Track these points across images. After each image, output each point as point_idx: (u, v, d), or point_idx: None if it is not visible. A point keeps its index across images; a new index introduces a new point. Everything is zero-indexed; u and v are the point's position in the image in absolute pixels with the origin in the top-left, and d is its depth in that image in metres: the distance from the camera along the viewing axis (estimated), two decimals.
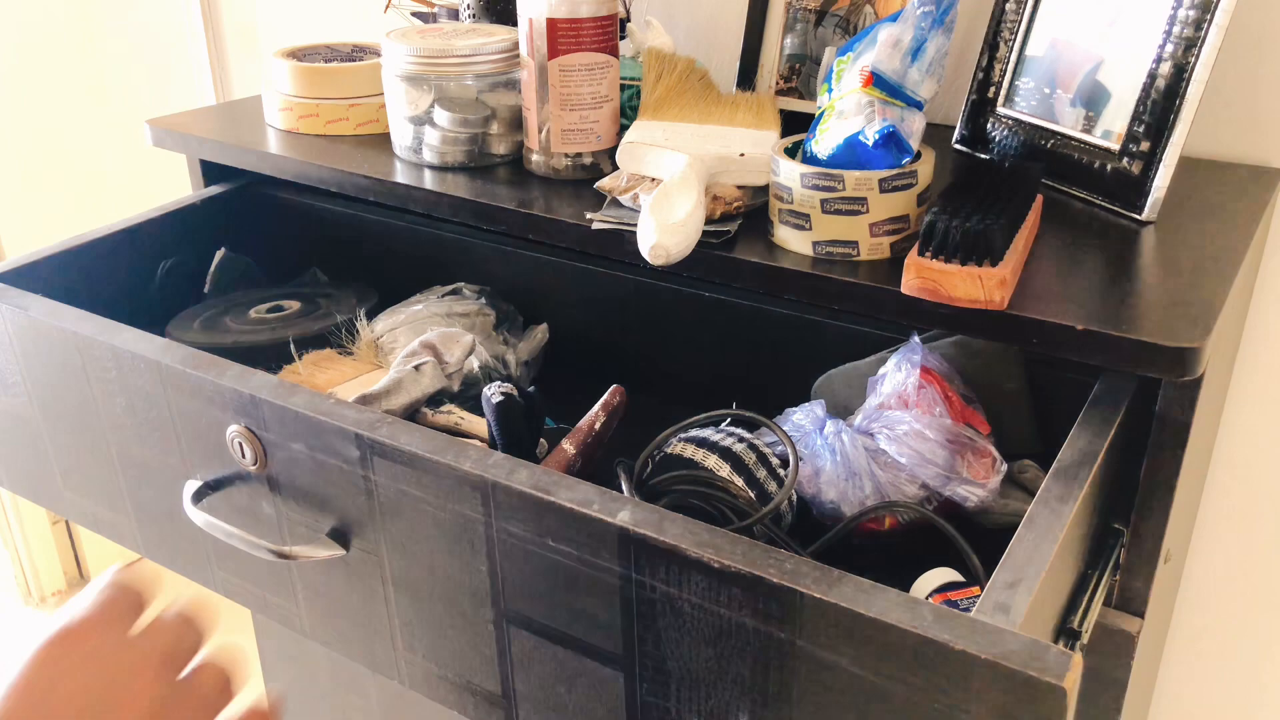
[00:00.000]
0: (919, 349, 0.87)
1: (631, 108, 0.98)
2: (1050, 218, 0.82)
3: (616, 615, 0.61)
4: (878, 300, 0.73)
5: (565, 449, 0.83)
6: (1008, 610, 0.52)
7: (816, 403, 0.89)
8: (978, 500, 0.80)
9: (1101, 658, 0.77)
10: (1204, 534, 1.06)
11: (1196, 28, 0.76)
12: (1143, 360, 0.65)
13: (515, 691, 0.70)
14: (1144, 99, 0.79)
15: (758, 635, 0.55)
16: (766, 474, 0.81)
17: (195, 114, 1.17)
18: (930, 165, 0.77)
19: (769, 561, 0.54)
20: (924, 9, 0.76)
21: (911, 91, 0.76)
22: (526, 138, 0.95)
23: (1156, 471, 0.71)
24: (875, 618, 0.50)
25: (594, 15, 0.87)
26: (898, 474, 0.82)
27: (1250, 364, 0.98)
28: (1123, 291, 0.72)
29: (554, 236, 0.86)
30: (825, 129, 0.78)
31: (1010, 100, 0.91)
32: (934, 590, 0.75)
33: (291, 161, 1.01)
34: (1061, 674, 0.46)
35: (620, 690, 0.64)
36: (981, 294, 0.68)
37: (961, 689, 0.49)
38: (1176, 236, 0.79)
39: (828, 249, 0.76)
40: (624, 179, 0.86)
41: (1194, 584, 1.09)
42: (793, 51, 1.03)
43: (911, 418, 0.82)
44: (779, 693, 0.56)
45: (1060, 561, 0.59)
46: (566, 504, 0.59)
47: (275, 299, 1.09)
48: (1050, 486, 0.62)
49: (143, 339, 0.79)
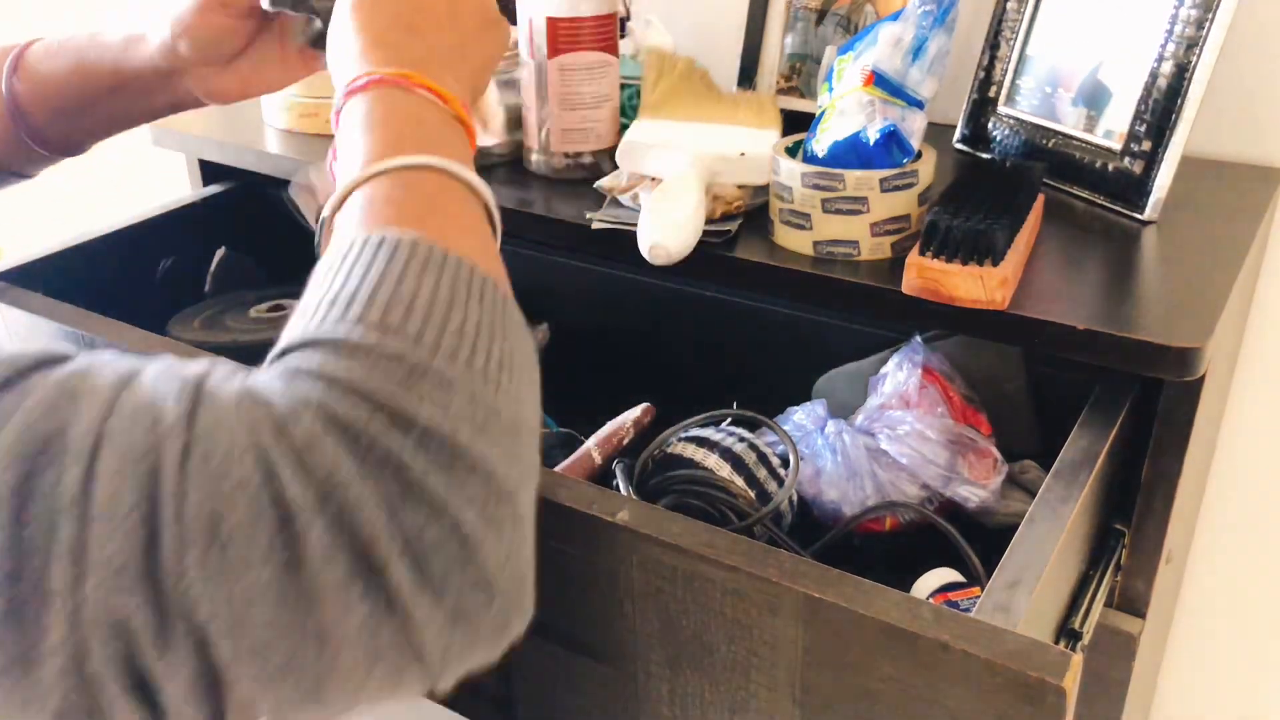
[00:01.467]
0: (920, 349, 0.86)
1: (632, 107, 0.98)
2: (1051, 217, 0.82)
3: (616, 614, 0.61)
4: (879, 300, 0.73)
5: (594, 457, 0.83)
6: (1008, 610, 0.52)
7: (818, 402, 0.88)
8: (979, 501, 0.80)
9: (1102, 658, 0.77)
10: (1205, 534, 1.06)
11: (1198, 27, 0.75)
12: (1144, 360, 0.65)
13: (515, 691, 0.70)
14: (1146, 98, 0.79)
15: (758, 635, 0.55)
16: (767, 474, 0.81)
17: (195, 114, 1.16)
18: (931, 165, 0.77)
19: (769, 561, 0.54)
20: (925, 8, 0.76)
21: (912, 91, 0.76)
22: (526, 137, 0.94)
23: (1158, 472, 0.71)
24: (875, 618, 0.50)
25: (594, 14, 0.87)
26: (899, 474, 0.82)
27: (1252, 364, 0.98)
28: (1124, 291, 0.72)
29: (554, 236, 0.86)
30: (826, 128, 0.77)
31: (1011, 99, 0.91)
32: (934, 590, 0.75)
33: (291, 161, 1.01)
34: (1061, 674, 0.46)
35: (620, 689, 0.64)
36: (983, 294, 0.67)
37: (962, 689, 0.49)
38: (1178, 236, 0.79)
39: (828, 249, 0.76)
40: (624, 178, 0.86)
41: (1195, 584, 1.09)
42: (793, 50, 1.03)
43: (913, 418, 0.82)
44: (779, 692, 0.56)
45: (1061, 562, 0.59)
46: (566, 503, 0.59)
47: (275, 299, 1.09)
48: (1051, 487, 0.61)
49: (143, 338, 0.79)
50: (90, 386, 0.35)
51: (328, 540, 0.34)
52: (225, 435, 0.34)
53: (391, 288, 0.39)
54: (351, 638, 0.34)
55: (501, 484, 0.37)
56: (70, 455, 0.33)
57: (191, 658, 0.33)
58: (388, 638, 0.35)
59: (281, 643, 0.34)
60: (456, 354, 0.38)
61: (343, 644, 0.34)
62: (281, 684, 0.34)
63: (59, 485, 0.33)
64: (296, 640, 0.34)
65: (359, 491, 0.34)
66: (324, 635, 0.34)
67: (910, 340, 0.89)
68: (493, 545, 0.37)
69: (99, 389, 0.35)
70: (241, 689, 0.34)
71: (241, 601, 0.33)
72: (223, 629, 0.33)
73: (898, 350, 0.88)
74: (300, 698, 0.35)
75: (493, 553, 0.36)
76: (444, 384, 0.37)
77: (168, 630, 0.33)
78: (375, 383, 0.36)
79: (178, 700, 0.33)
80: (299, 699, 0.35)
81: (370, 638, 0.35)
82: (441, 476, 0.36)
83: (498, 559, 0.37)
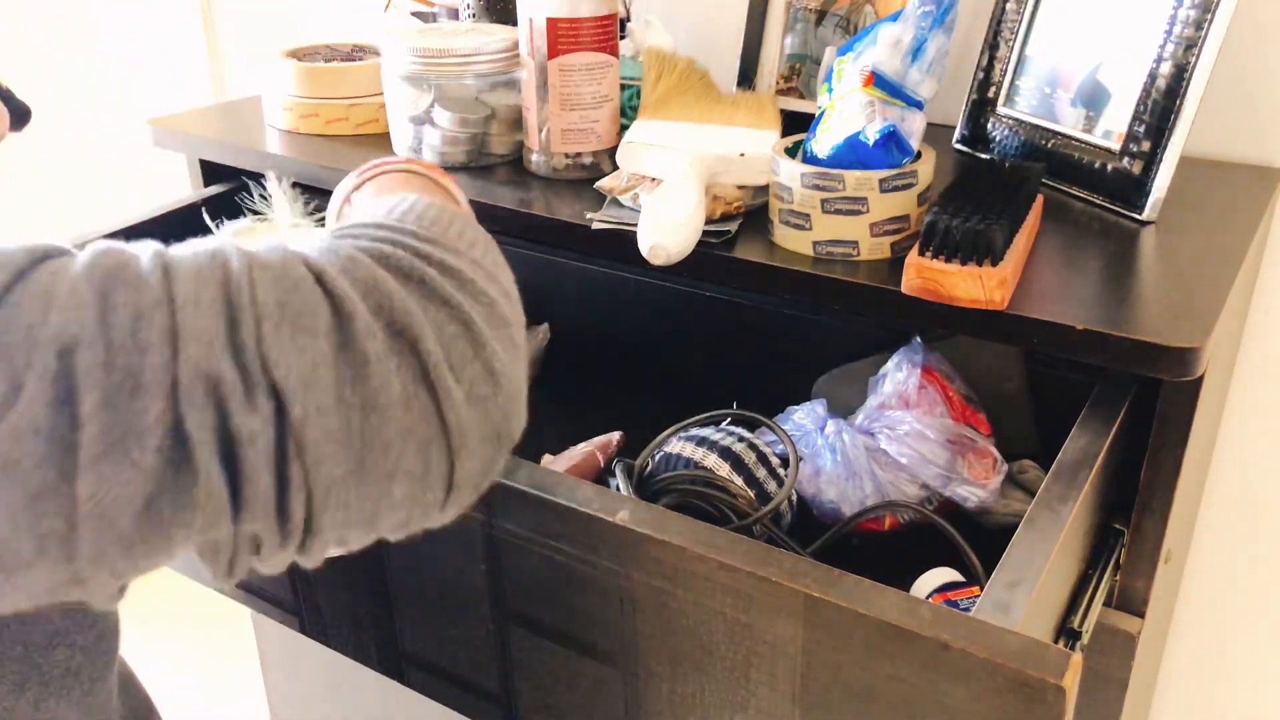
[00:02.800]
0: (920, 349, 0.87)
1: (631, 108, 0.98)
2: (1051, 217, 0.82)
3: (616, 614, 0.61)
4: (878, 300, 0.73)
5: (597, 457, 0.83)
6: (1008, 610, 0.52)
7: (818, 402, 0.89)
8: (978, 500, 0.80)
9: (1102, 658, 0.77)
10: (1204, 534, 1.06)
11: (1197, 27, 0.75)
12: (1143, 360, 0.65)
13: (515, 691, 0.70)
14: (1144, 99, 0.79)
15: (758, 634, 0.55)
16: (766, 473, 0.81)
17: (195, 114, 1.17)
18: (930, 165, 0.77)
19: (769, 561, 0.54)
20: (924, 9, 0.76)
21: (912, 91, 0.76)
22: (526, 137, 0.94)
23: (1157, 471, 0.71)
24: (875, 617, 0.50)
25: (594, 15, 0.87)
26: (898, 474, 0.82)
27: (1251, 364, 0.98)
28: (1123, 291, 0.72)
29: (554, 236, 0.86)
30: (825, 129, 0.77)
31: (1011, 100, 0.91)
32: (934, 590, 0.75)
33: (291, 161, 1.01)
34: (1061, 674, 0.46)
35: (620, 689, 0.64)
36: (982, 294, 0.68)
37: (961, 689, 0.49)
38: (1177, 236, 0.79)
39: (828, 249, 0.76)
40: (624, 179, 0.86)
41: (1194, 584, 1.09)
42: (793, 51, 1.03)
43: (912, 418, 0.82)
44: (779, 691, 0.56)
45: (1060, 561, 0.59)
46: (566, 503, 0.59)
47: None
48: (1050, 487, 0.61)
49: None
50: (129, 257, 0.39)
51: (370, 321, 0.40)
52: (277, 256, 0.41)
53: (403, 210, 0.48)
54: (391, 408, 0.40)
55: (504, 314, 0.45)
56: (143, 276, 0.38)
57: (272, 417, 0.38)
58: (419, 410, 0.41)
59: (338, 408, 0.39)
60: (459, 247, 0.46)
61: (385, 416, 0.40)
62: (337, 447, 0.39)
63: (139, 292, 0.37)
64: (349, 406, 0.39)
65: (394, 289, 0.42)
66: (371, 403, 0.40)
67: (910, 340, 0.89)
68: (496, 348, 0.44)
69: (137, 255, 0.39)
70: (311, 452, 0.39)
71: (309, 366, 0.39)
72: (296, 389, 0.38)
73: (897, 350, 0.89)
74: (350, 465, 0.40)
75: (497, 353, 0.44)
76: (455, 253, 0.45)
77: (252, 388, 0.38)
78: (404, 239, 0.45)
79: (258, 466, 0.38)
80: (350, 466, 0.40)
81: (405, 410, 0.40)
82: (458, 293, 0.43)
83: (501, 362, 0.44)
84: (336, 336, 0.40)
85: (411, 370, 0.41)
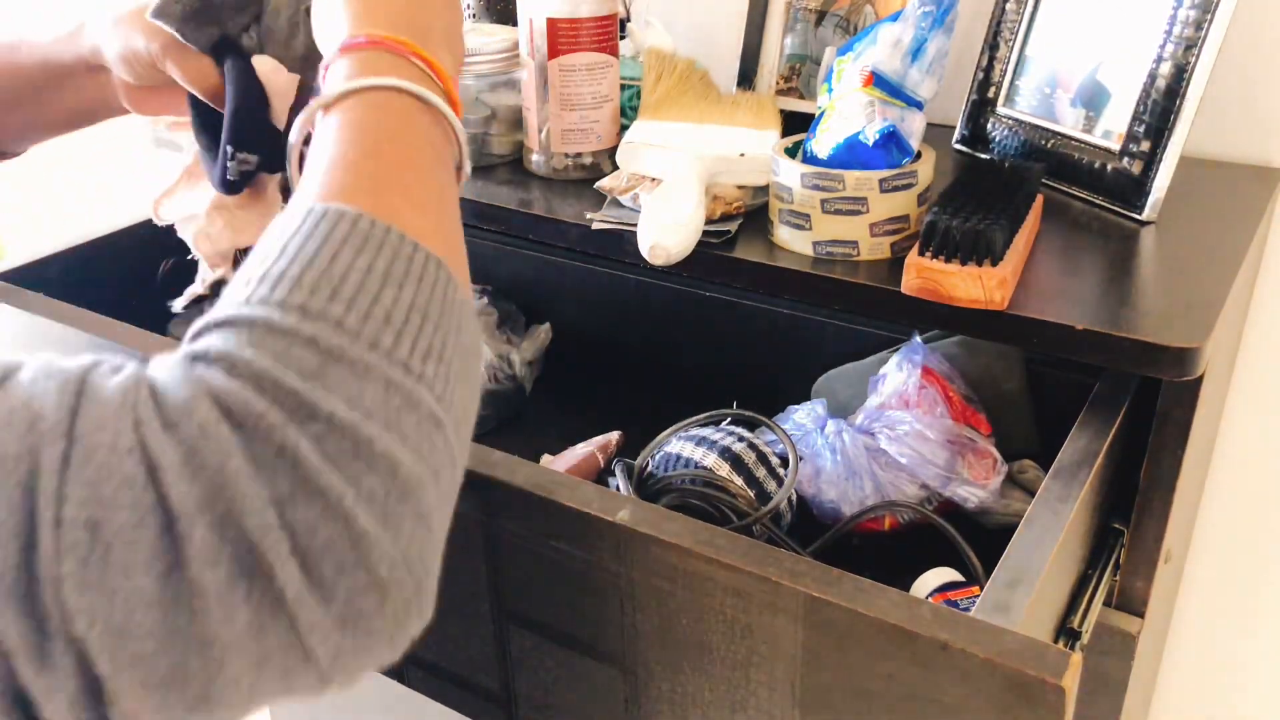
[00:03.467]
0: (920, 349, 0.87)
1: (631, 108, 0.98)
2: (1050, 217, 0.82)
3: (616, 614, 0.61)
4: (878, 300, 0.73)
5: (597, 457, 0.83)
6: (1007, 610, 0.52)
7: (818, 401, 0.89)
8: (978, 501, 0.80)
9: (1102, 658, 0.77)
10: (1204, 534, 1.06)
11: (1197, 28, 0.75)
12: (1143, 360, 0.65)
13: (515, 691, 0.70)
14: (1144, 99, 0.79)
15: (758, 634, 0.55)
16: (766, 473, 0.81)
17: None
18: (930, 165, 0.77)
19: (769, 561, 0.54)
20: (924, 9, 0.76)
21: (912, 91, 0.76)
22: (526, 138, 0.95)
23: (1157, 471, 0.71)
24: (875, 617, 0.50)
25: (594, 15, 0.87)
26: (898, 474, 0.82)
27: (1250, 363, 0.98)
28: (1123, 291, 0.72)
29: (554, 236, 0.86)
30: (825, 129, 0.78)
31: (1010, 100, 0.91)
32: (934, 590, 0.75)
33: None
34: (1061, 674, 0.46)
35: (620, 689, 0.64)
36: (982, 294, 0.68)
37: (961, 689, 0.49)
38: (1177, 236, 0.79)
39: (828, 249, 0.76)
40: (624, 179, 0.86)
41: (1194, 584, 1.09)
42: (793, 51, 1.03)
43: (912, 418, 0.82)
44: (779, 691, 0.56)
45: (1060, 561, 0.59)
46: (566, 503, 0.59)
47: None
48: (1050, 486, 0.62)
49: (144, 339, 0.79)
50: None
51: (212, 542, 0.33)
52: (108, 433, 0.33)
53: (323, 267, 0.38)
54: (237, 642, 0.33)
55: (406, 479, 0.36)
56: None
57: (73, 673, 0.32)
58: (275, 640, 0.34)
59: (165, 651, 0.32)
60: (379, 341, 0.37)
61: (228, 649, 0.33)
62: (167, 693, 0.33)
63: None
64: (180, 647, 0.32)
65: (248, 488, 0.33)
66: (208, 641, 0.33)
67: (910, 340, 0.89)
68: (388, 546, 0.35)
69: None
70: (126, 701, 0.32)
71: (123, 610, 0.32)
72: (104, 640, 0.32)
73: (897, 350, 0.89)
74: (187, 706, 0.34)
75: (387, 554, 0.35)
76: (359, 372, 0.36)
77: (46, 646, 0.31)
78: (282, 370, 0.35)
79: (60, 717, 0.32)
80: (186, 707, 0.34)
81: (256, 641, 0.34)
82: (339, 472, 0.35)
83: (392, 560, 0.36)
84: (161, 565, 0.32)
85: (265, 597, 0.33)
